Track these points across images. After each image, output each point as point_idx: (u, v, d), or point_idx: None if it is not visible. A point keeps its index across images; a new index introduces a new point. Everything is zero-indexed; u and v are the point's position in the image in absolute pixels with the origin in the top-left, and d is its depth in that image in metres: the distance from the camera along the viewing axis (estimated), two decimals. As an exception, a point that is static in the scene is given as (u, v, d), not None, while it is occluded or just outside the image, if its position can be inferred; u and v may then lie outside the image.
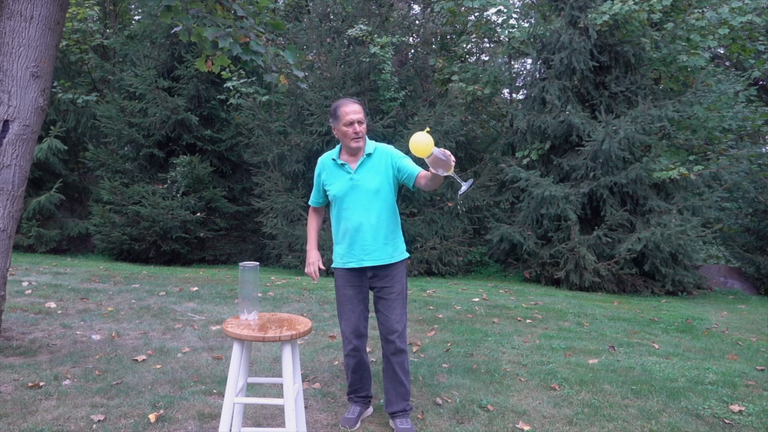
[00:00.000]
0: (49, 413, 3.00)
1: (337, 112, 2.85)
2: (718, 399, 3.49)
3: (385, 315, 2.90)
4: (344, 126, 2.83)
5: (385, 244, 2.89)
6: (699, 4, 9.49)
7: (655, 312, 6.38)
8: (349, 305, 2.92)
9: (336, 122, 2.87)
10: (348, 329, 2.93)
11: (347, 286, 2.93)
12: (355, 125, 2.81)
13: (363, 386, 3.07)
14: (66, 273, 7.04)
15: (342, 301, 2.95)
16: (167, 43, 11.07)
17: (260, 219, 9.51)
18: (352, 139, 2.84)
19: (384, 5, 10.82)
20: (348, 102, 2.86)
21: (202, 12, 4.00)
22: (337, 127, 2.87)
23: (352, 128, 2.82)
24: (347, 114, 2.81)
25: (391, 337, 2.89)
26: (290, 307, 5.64)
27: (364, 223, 2.85)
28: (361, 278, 2.93)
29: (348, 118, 2.81)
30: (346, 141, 2.86)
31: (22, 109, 3.78)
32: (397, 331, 2.88)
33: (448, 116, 9.36)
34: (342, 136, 2.87)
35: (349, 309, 2.92)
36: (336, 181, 2.90)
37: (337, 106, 2.87)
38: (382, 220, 2.89)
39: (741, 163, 8.58)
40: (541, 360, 4.20)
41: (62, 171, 11.10)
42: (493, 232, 8.87)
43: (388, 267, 2.91)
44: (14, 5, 3.74)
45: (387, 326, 2.90)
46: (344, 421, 2.99)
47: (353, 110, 2.82)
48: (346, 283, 2.93)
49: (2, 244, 3.82)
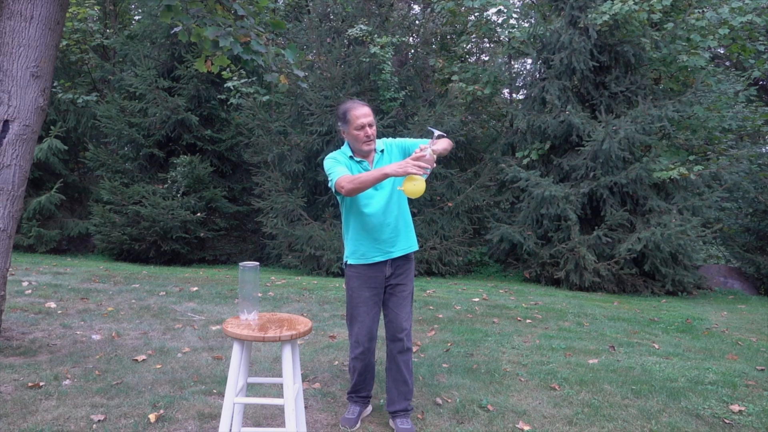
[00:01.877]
0: (49, 413, 3.00)
1: (347, 116, 2.81)
2: (718, 399, 3.49)
3: (395, 312, 2.90)
4: (355, 130, 2.80)
5: (406, 235, 2.93)
6: (699, 4, 9.49)
7: (655, 312, 6.38)
8: (364, 307, 2.87)
9: (346, 126, 2.83)
10: (362, 332, 2.88)
11: (364, 288, 2.88)
12: (366, 128, 2.79)
13: (365, 387, 3.06)
14: (66, 273, 7.04)
15: (357, 304, 2.89)
16: (167, 43, 11.08)
17: (260, 219, 9.52)
18: (364, 143, 2.81)
19: (384, 5, 10.82)
20: (358, 105, 2.82)
21: (202, 12, 4.00)
22: (348, 131, 2.84)
23: (364, 132, 2.79)
24: (358, 118, 2.78)
25: (399, 335, 2.89)
26: (290, 307, 5.64)
27: (389, 217, 2.85)
28: (379, 277, 2.89)
29: (359, 122, 2.77)
30: (358, 145, 2.83)
31: (22, 109, 3.78)
32: (405, 329, 2.89)
33: (448, 116, 9.36)
34: (353, 140, 2.84)
35: (364, 311, 2.87)
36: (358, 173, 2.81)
37: (346, 110, 2.82)
38: (402, 212, 2.92)
39: (741, 163, 8.58)
40: (541, 360, 4.20)
41: (62, 171, 11.11)
42: (493, 232, 8.87)
43: (407, 260, 2.94)
44: (14, 5, 3.74)
45: (396, 324, 2.89)
46: (344, 422, 2.99)
47: (364, 113, 2.78)
48: (363, 284, 2.88)
49: (2, 244, 3.82)
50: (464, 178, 9.87)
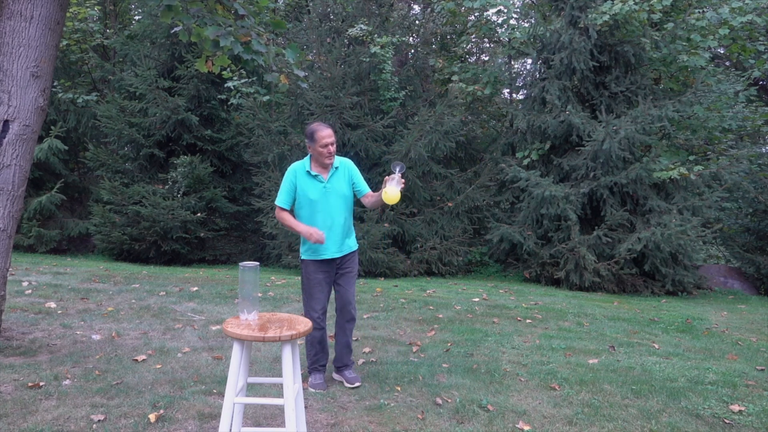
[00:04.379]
0: (49, 413, 3.00)
1: (315, 135, 3.46)
2: (718, 399, 3.49)
3: (345, 288, 3.62)
4: (320, 147, 3.46)
5: (348, 237, 3.63)
6: (699, 4, 9.49)
7: (655, 312, 6.38)
8: (319, 287, 3.54)
9: (312, 143, 3.48)
10: (318, 306, 3.55)
11: (318, 272, 3.55)
12: (329, 147, 3.46)
13: (323, 356, 3.66)
14: (66, 273, 7.04)
15: (313, 284, 3.54)
16: (167, 43, 11.07)
17: (260, 219, 9.51)
18: (326, 157, 3.48)
19: (384, 5, 10.82)
20: (323, 127, 3.48)
21: (202, 11, 4.00)
22: (314, 147, 3.48)
23: (327, 149, 3.46)
24: (323, 138, 3.44)
25: (348, 307, 3.63)
26: (290, 307, 5.64)
27: (335, 222, 3.53)
28: (330, 265, 3.57)
29: (324, 141, 3.44)
30: (322, 159, 3.49)
31: (22, 109, 3.78)
32: (352, 302, 3.64)
33: (448, 116, 9.36)
34: (318, 155, 3.50)
35: (318, 290, 3.54)
36: (310, 188, 3.51)
37: (313, 131, 3.47)
38: (347, 219, 3.61)
39: (741, 163, 8.57)
40: (541, 360, 4.20)
41: (62, 171, 11.10)
42: (493, 232, 8.87)
43: (352, 253, 3.66)
44: (14, 5, 3.74)
45: (346, 298, 3.62)
46: (318, 386, 3.53)
47: (327, 134, 3.45)
48: (317, 269, 3.55)
49: (2, 244, 3.82)
50: (464, 178, 9.87)
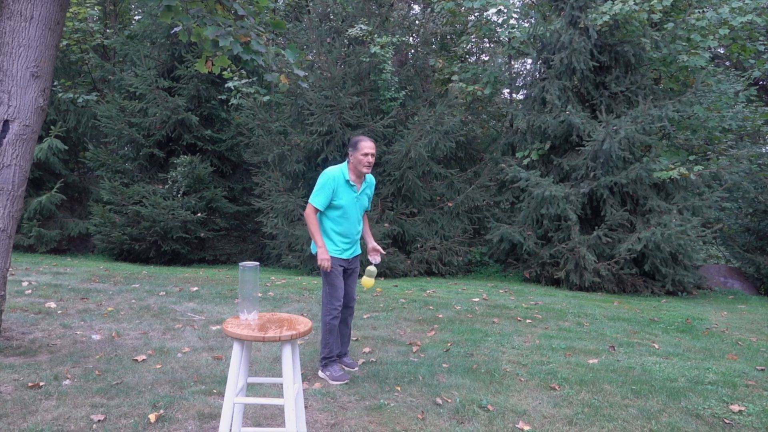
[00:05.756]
0: (49, 413, 3.00)
1: (358, 144, 3.73)
2: (718, 399, 3.49)
3: (351, 287, 3.97)
4: (361, 155, 3.71)
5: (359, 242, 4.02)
6: (699, 4, 9.49)
7: (655, 312, 6.38)
8: (339, 278, 3.85)
9: (354, 151, 3.73)
10: (341, 295, 3.81)
11: (338, 267, 3.86)
12: (369, 157, 3.72)
13: (337, 345, 3.84)
14: (66, 273, 7.04)
15: (336, 275, 3.82)
16: (167, 43, 11.07)
17: (260, 219, 9.51)
18: (365, 166, 3.74)
19: (384, 5, 10.82)
20: (366, 139, 3.76)
21: (202, 12, 4.00)
22: (355, 155, 3.73)
23: (366, 158, 3.71)
24: (365, 147, 3.72)
25: (351, 303, 3.99)
26: (290, 307, 5.64)
27: (357, 227, 3.90)
28: (344, 263, 3.91)
29: (365, 150, 3.71)
30: (360, 167, 3.74)
31: (22, 109, 3.78)
32: (354, 298, 4.02)
33: (448, 116, 9.36)
34: (357, 162, 3.74)
35: (339, 281, 3.84)
36: (345, 195, 3.76)
37: (358, 140, 3.75)
38: (362, 226, 4.02)
39: (741, 163, 8.58)
40: (541, 360, 4.20)
41: (62, 171, 11.10)
42: (493, 232, 8.87)
43: (358, 256, 4.04)
44: (14, 5, 3.74)
45: (350, 295, 3.98)
46: (341, 378, 3.67)
47: (369, 145, 3.73)
48: (337, 265, 3.86)
49: (2, 244, 3.82)
50: (464, 178, 9.87)
